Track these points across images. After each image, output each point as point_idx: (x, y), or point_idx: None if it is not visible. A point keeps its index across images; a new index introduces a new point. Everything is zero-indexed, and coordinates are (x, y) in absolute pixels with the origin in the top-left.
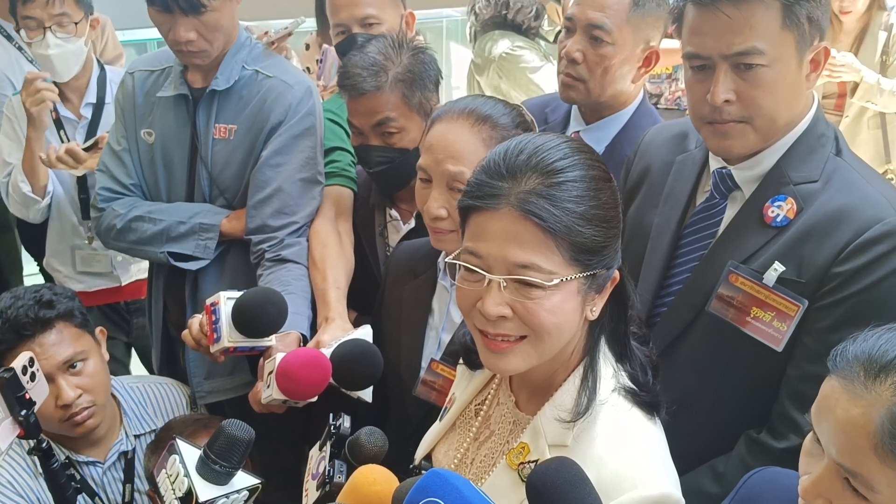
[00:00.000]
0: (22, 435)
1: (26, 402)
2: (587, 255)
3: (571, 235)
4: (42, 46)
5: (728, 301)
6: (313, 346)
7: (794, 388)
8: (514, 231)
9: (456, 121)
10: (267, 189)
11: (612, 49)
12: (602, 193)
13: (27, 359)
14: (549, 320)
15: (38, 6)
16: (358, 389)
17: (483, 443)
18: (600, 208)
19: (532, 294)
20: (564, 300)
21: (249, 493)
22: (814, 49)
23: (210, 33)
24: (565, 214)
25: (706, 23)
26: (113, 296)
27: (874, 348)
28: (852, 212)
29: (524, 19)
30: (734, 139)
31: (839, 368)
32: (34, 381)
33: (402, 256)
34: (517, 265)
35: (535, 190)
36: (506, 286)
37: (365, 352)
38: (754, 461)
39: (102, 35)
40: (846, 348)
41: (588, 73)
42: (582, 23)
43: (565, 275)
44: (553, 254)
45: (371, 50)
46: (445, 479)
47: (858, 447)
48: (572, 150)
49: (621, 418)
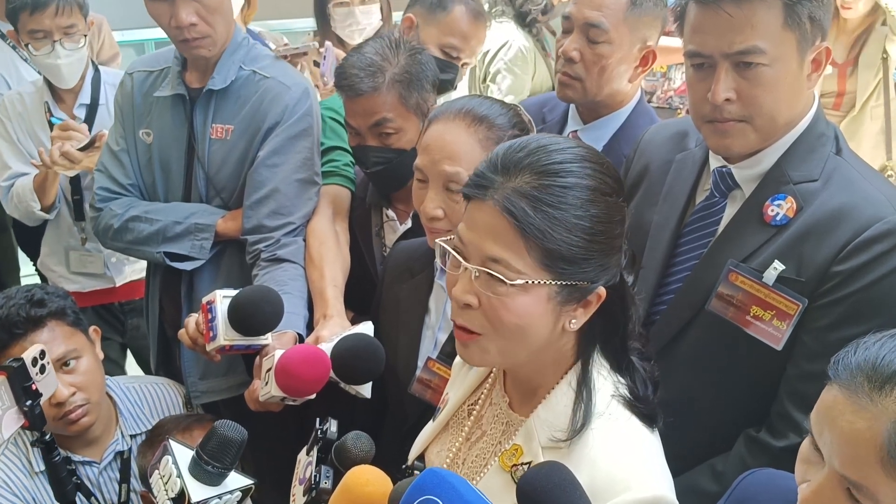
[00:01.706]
0: (27, 426)
1: (32, 393)
2: (561, 263)
3: (544, 240)
4: (52, 57)
5: (728, 300)
6: (312, 341)
7: (794, 386)
8: (492, 225)
9: (452, 121)
10: (263, 189)
11: (608, 48)
12: (594, 206)
13: (38, 351)
14: (510, 320)
15: (48, 17)
16: (359, 384)
17: (475, 443)
18: (585, 219)
19: (498, 290)
20: (531, 303)
21: (242, 493)
22: (815, 49)
23: (211, 15)
24: (542, 218)
25: (708, 21)
26: (107, 296)
27: (878, 358)
28: (852, 210)
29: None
30: (734, 138)
31: (841, 378)
32: (44, 373)
33: (399, 256)
34: (489, 258)
35: (520, 189)
36: (477, 276)
37: (368, 345)
38: (753, 460)
39: (99, 35)
40: (847, 357)
41: (585, 72)
42: (579, 22)
43: (533, 278)
44: (523, 254)
45: (368, 50)
46: (442, 477)
47: (864, 459)
48: (577, 157)
49: (619, 425)
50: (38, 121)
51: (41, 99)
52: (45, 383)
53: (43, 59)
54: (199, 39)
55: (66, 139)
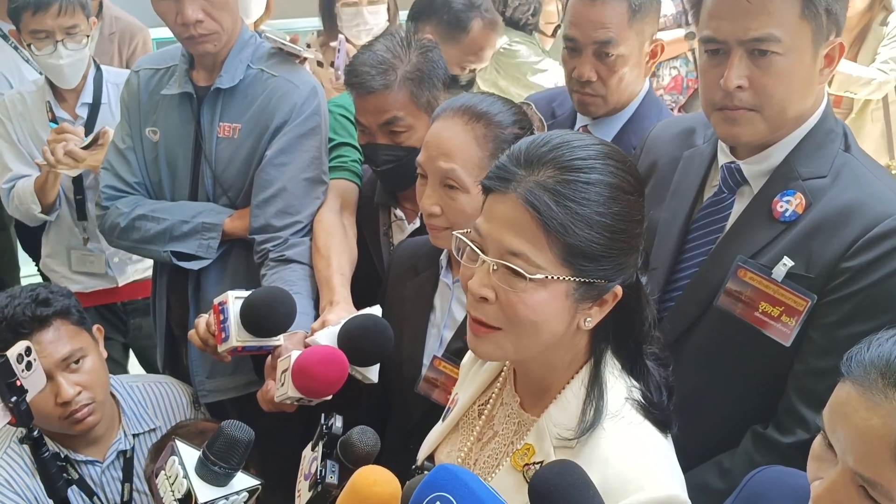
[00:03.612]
0: (13, 422)
1: (17, 389)
2: (581, 260)
3: (566, 236)
4: (54, 57)
5: (736, 296)
6: (318, 326)
7: (801, 383)
8: (513, 218)
9: (451, 118)
10: (271, 188)
11: (622, 59)
12: (616, 203)
13: (24, 348)
14: (527, 316)
15: (50, 17)
16: (367, 365)
17: (486, 443)
18: (607, 216)
19: (516, 284)
20: (549, 300)
21: (249, 494)
22: (829, 44)
23: (217, 11)
24: (565, 213)
25: (725, 7)
26: (110, 296)
27: (892, 354)
28: (861, 207)
29: (522, 16)
30: (743, 126)
31: (854, 374)
32: (30, 370)
33: (404, 254)
34: (508, 251)
35: (543, 183)
36: (495, 269)
37: (376, 325)
38: (760, 457)
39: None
40: (861, 353)
41: (604, 89)
42: (587, 43)
43: (553, 273)
44: (544, 249)
45: (379, 48)
46: (454, 473)
47: (878, 457)
48: (600, 154)
49: (632, 427)
50: (40, 120)
51: (42, 98)
52: (32, 380)
53: (45, 60)
54: (205, 36)
55: (61, 142)
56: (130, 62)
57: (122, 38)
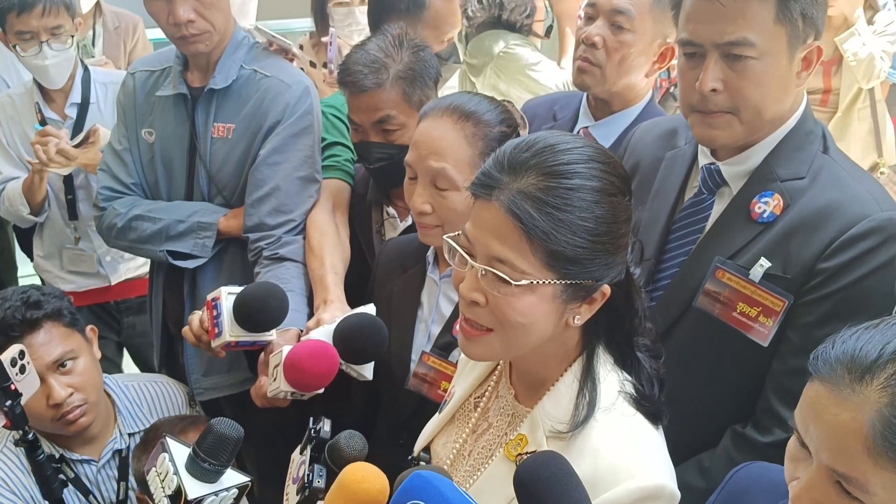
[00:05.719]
0: (8, 426)
1: (12, 393)
2: (566, 264)
3: (549, 242)
4: (39, 58)
5: (715, 296)
6: (313, 324)
7: (779, 382)
8: (497, 226)
9: (440, 117)
10: (265, 187)
11: (631, 37)
12: (599, 207)
13: (17, 351)
14: (515, 319)
15: (34, 17)
16: (362, 363)
17: (481, 435)
18: (591, 221)
19: (503, 289)
20: (537, 302)
21: (239, 490)
22: (806, 47)
23: (208, 11)
24: (547, 221)
25: (702, 10)
26: (103, 295)
27: (856, 349)
28: (838, 208)
29: (518, 18)
30: (720, 129)
31: (822, 372)
32: (24, 373)
33: (391, 252)
34: (494, 258)
35: (525, 190)
36: (484, 274)
37: (371, 323)
38: (740, 455)
39: (133, 35)
40: (826, 351)
41: (606, 59)
42: (606, 8)
43: (538, 278)
44: (528, 255)
45: (372, 47)
46: (428, 481)
47: (851, 451)
48: (583, 157)
49: (624, 419)
50: (30, 122)
51: (31, 100)
52: (26, 383)
53: (30, 60)
54: (196, 36)
55: (44, 145)
56: (132, 55)
57: (125, 31)
